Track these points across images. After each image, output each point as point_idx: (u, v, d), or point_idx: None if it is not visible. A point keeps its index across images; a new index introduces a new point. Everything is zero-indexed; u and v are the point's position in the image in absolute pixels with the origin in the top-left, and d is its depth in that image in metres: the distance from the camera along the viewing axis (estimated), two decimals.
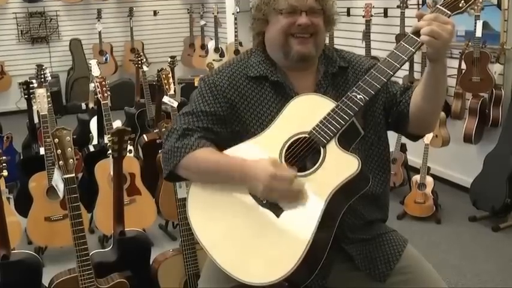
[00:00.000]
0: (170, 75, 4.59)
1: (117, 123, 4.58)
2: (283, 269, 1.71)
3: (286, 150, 1.87)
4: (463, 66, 4.79)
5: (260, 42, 2.11)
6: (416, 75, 5.31)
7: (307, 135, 1.85)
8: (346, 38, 6.08)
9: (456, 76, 4.89)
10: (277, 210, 1.81)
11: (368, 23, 5.64)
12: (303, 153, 1.86)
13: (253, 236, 1.82)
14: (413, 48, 1.83)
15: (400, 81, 4.72)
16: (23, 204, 4.11)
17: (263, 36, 2.09)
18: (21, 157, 4.99)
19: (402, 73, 5.36)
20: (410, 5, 5.36)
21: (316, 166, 1.81)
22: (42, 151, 4.20)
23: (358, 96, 1.84)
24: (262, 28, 2.06)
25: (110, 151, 3.09)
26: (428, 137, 4.60)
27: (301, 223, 1.76)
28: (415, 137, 2.13)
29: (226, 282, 1.88)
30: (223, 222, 1.88)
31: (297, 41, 1.99)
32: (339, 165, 1.79)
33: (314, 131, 1.84)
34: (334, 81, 2.07)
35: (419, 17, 1.83)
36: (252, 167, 1.83)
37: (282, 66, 2.06)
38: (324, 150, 1.82)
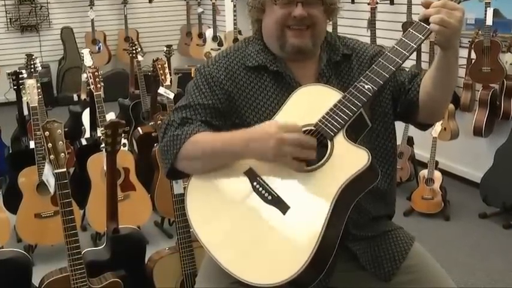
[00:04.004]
0: (166, 65, 4.58)
1: (111, 116, 4.58)
2: (290, 270, 1.70)
3: None
4: (473, 55, 4.79)
5: (258, 29, 2.10)
6: (424, 65, 5.30)
7: (313, 128, 1.84)
8: (350, 27, 6.07)
9: (465, 66, 4.88)
10: (283, 207, 1.79)
11: (373, 11, 5.62)
12: None
13: (257, 235, 1.80)
14: (422, 36, 1.82)
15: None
16: (12, 201, 4.11)
17: (260, 24, 2.09)
18: (10, 151, 4.99)
19: (409, 63, 5.35)
20: None
21: (323, 160, 1.80)
22: (32, 145, 4.20)
23: (366, 87, 1.83)
24: (258, 16, 2.06)
25: (103, 145, 3.09)
26: (436, 130, 4.59)
27: (309, 220, 1.74)
28: (424, 126, 2.13)
29: (227, 282, 1.88)
30: (226, 220, 1.86)
31: (292, 33, 1.98)
32: (347, 158, 1.78)
33: (320, 123, 1.83)
34: (337, 69, 2.06)
35: (427, 5, 1.82)
36: (257, 129, 1.83)
37: (280, 55, 2.05)
38: (332, 143, 1.81)
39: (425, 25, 1.81)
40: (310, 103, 1.90)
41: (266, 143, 1.78)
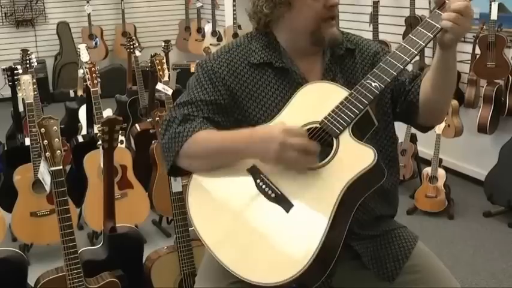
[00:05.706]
0: (164, 60, 4.58)
1: (108, 112, 4.59)
2: (294, 269, 1.70)
3: None
4: (477, 51, 4.77)
5: (265, 25, 2.08)
6: (427, 61, 5.30)
7: (318, 125, 1.84)
8: (352, 21, 6.07)
9: (470, 62, 4.88)
10: (286, 205, 1.79)
11: (376, 5, 5.61)
12: None
13: (260, 233, 1.80)
14: (431, 34, 1.82)
15: (411, 67, 4.71)
16: (7, 199, 4.10)
17: (269, 20, 2.05)
18: (5, 148, 4.99)
19: None
20: None
21: (329, 158, 1.80)
22: (27, 142, 4.21)
23: (373, 84, 1.84)
24: (283, 13, 2.01)
25: (100, 142, 3.09)
26: (440, 127, 4.59)
27: (313, 219, 1.75)
28: (425, 128, 2.13)
29: (226, 281, 1.89)
30: (228, 218, 1.86)
31: (327, 25, 1.99)
32: (353, 156, 1.78)
33: (326, 121, 1.83)
34: (341, 64, 2.07)
35: (439, 4, 1.83)
36: (262, 129, 1.84)
37: (291, 50, 2.04)
38: (337, 141, 1.81)
39: (434, 23, 1.82)
40: (316, 100, 1.90)
41: (269, 145, 1.78)
